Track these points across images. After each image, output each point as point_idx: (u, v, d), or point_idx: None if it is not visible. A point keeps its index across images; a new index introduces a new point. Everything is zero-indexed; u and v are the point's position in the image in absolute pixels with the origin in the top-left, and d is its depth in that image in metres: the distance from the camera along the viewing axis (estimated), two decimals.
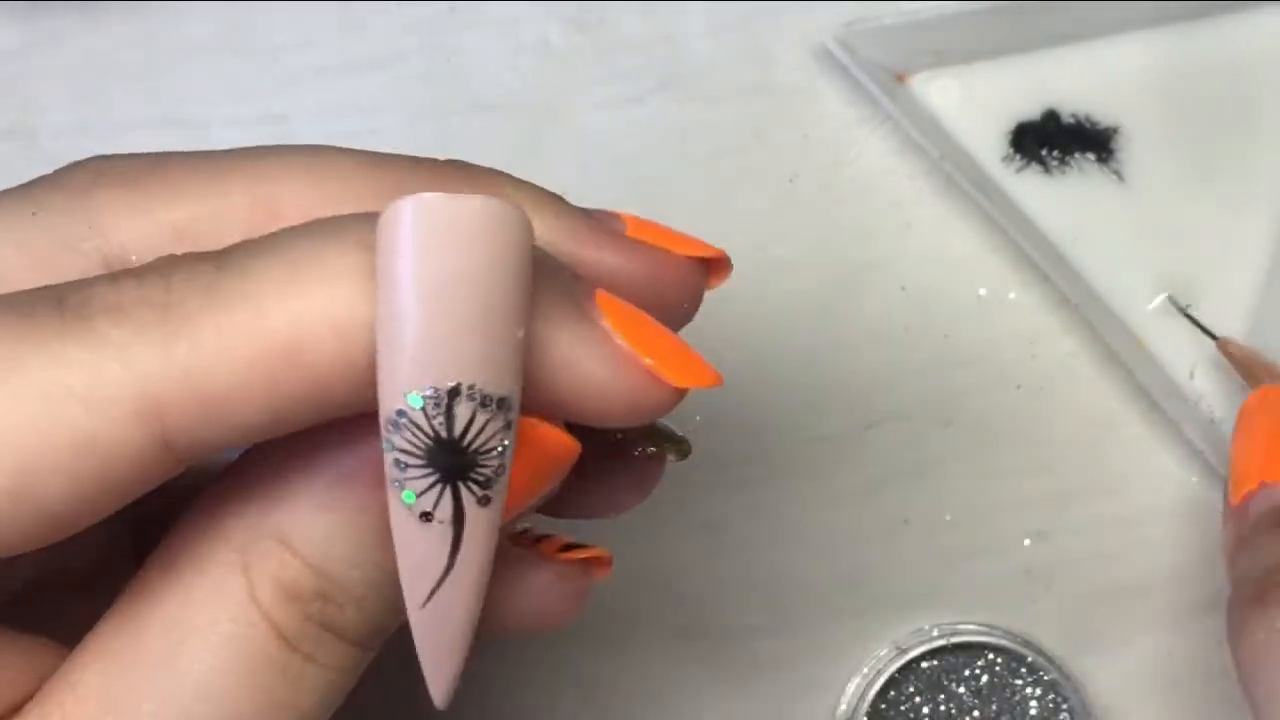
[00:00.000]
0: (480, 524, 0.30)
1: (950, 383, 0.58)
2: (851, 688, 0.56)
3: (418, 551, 0.30)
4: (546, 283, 0.31)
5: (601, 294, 0.32)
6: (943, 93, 0.61)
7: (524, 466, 0.31)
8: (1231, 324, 0.59)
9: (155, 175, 0.35)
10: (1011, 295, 0.59)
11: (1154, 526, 0.57)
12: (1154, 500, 0.58)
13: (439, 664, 0.32)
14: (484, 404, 0.29)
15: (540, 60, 0.60)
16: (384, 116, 0.59)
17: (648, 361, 0.32)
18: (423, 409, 0.28)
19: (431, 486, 0.29)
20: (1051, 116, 0.61)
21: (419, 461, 0.29)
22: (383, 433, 0.29)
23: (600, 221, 0.37)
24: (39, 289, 0.30)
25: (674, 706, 0.56)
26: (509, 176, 0.37)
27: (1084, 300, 0.57)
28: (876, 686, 0.54)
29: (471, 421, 0.29)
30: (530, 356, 0.30)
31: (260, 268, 0.29)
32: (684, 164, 0.59)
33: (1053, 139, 0.60)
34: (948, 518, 0.57)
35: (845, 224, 0.59)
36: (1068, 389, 0.58)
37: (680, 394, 0.33)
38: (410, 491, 0.29)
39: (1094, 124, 0.61)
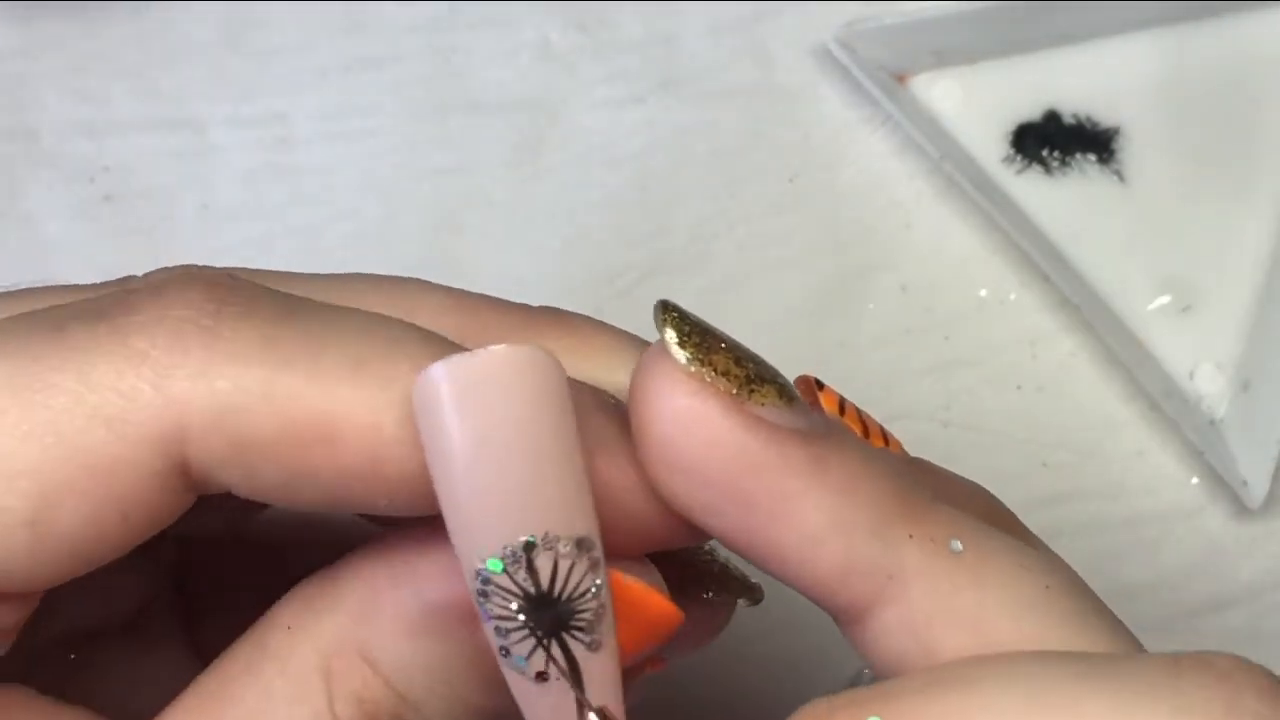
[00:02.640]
0: (598, 669, 0.29)
1: (950, 383, 0.58)
2: (852, 688, 0.55)
3: (544, 711, 0.29)
4: (597, 417, 0.30)
5: None
6: (943, 93, 0.61)
7: (630, 636, 0.31)
8: (1232, 324, 0.59)
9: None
10: (1012, 296, 0.59)
11: (1154, 527, 0.57)
12: (1154, 501, 0.57)
13: None
14: (564, 549, 0.28)
15: (540, 60, 0.60)
16: (384, 116, 0.59)
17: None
18: (504, 571, 0.28)
19: (537, 646, 0.28)
20: (1052, 117, 0.61)
21: (518, 624, 0.28)
22: (472, 595, 0.28)
23: None
24: (83, 300, 0.30)
25: (673, 707, 0.56)
26: (596, 322, 0.37)
27: (1084, 301, 0.57)
28: None
29: (556, 570, 0.28)
30: (601, 492, 0.29)
31: (327, 339, 0.29)
32: (684, 164, 0.59)
33: (1054, 139, 0.60)
34: None
35: (845, 224, 0.59)
36: (1068, 389, 0.58)
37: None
38: (519, 656, 0.29)
39: (1095, 125, 0.61)
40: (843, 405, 0.35)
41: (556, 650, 0.29)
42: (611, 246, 0.58)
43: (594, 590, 0.29)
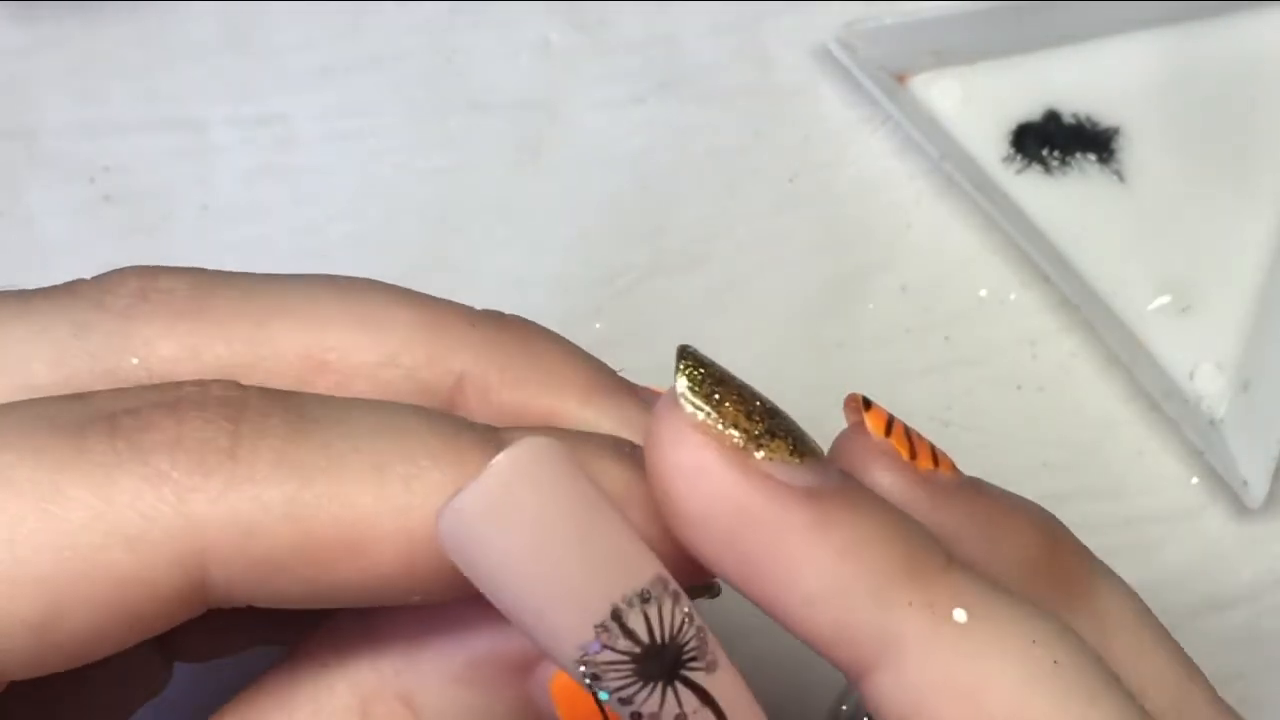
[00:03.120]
0: (726, 686, 0.29)
1: (950, 383, 0.58)
2: (852, 688, 0.55)
3: None
4: (614, 468, 0.30)
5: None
6: (943, 93, 0.61)
7: None
8: (1232, 324, 0.59)
9: (202, 311, 0.33)
10: (1012, 296, 0.59)
11: (1154, 527, 0.57)
12: (1154, 500, 0.57)
13: None
14: (645, 599, 0.28)
15: (540, 60, 0.60)
16: (384, 116, 0.59)
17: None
18: (601, 647, 0.28)
19: (664, 694, 0.28)
20: (1052, 117, 0.61)
21: (638, 686, 0.28)
22: (578, 682, 0.28)
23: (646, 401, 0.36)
24: (87, 401, 0.29)
25: None
26: (565, 349, 0.36)
27: (1084, 301, 0.57)
28: None
29: (649, 622, 0.28)
30: None
31: (344, 447, 0.28)
32: (684, 164, 0.59)
33: (1053, 139, 0.60)
34: None
35: (845, 224, 0.59)
36: (1068, 389, 0.58)
37: None
38: (654, 712, 0.28)
39: (1095, 124, 0.61)
40: (890, 425, 0.35)
41: (683, 689, 0.29)
42: (611, 246, 0.58)
43: (687, 619, 0.29)
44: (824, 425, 0.58)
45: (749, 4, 0.60)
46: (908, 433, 0.35)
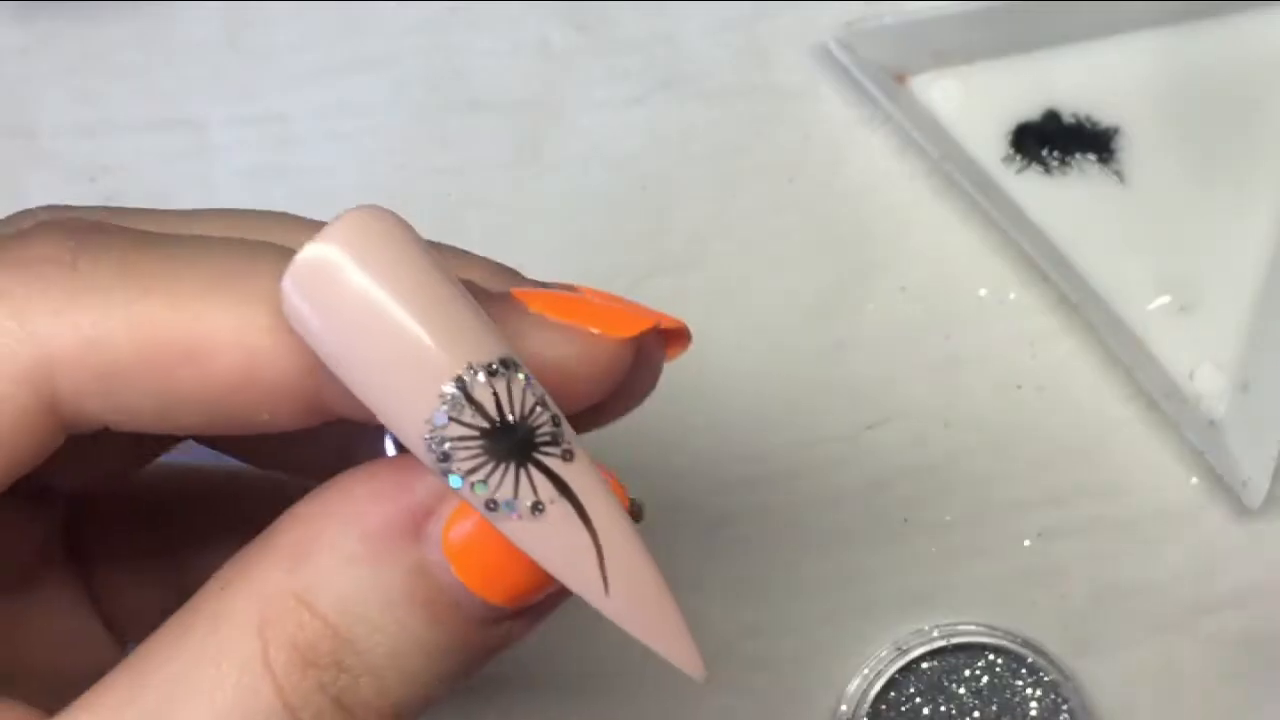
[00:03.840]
0: (583, 477, 0.29)
1: (950, 383, 0.58)
2: (852, 688, 0.56)
3: (558, 545, 0.29)
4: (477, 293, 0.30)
5: (515, 291, 0.32)
6: (943, 93, 0.61)
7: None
8: (1231, 325, 0.59)
9: None
10: (1012, 296, 0.59)
11: (1154, 527, 0.57)
12: (1154, 500, 0.57)
13: (667, 637, 0.30)
14: (492, 373, 0.28)
15: (540, 60, 0.60)
16: (384, 116, 0.59)
17: (593, 329, 0.31)
18: (448, 418, 0.28)
19: (518, 475, 0.28)
20: (1052, 117, 0.61)
21: (489, 462, 0.28)
22: (430, 466, 0.28)
23: (555, 288, 0.36)
24: None
25: (673, 706, 0.56)
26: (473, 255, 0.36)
27: (1084, 300, 0.57)
28: (877, 687, 0.54)
29: (498, 396, 0.28)
30: None
31: (185, 263, 0.29)
32: (684, 164, 0.59)
33: (1053, 139, 0.60)
34: (948, 518, 0.57)
35: (845, 224, 0.59)
36: (1068, 389, 0.58)
37: (632, 344, 0.32)
38: (509, 499, 0.28)
39: (1095, 124, 0.61)
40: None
41: (536, 473, 0.28)
42: (611, 246, 0.58)
43: (539, 403, 0.29)
44: (824, 425, 0.58)
45: (749, 4, 0.60)
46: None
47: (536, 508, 0.28)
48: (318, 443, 0.34)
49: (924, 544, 0.57)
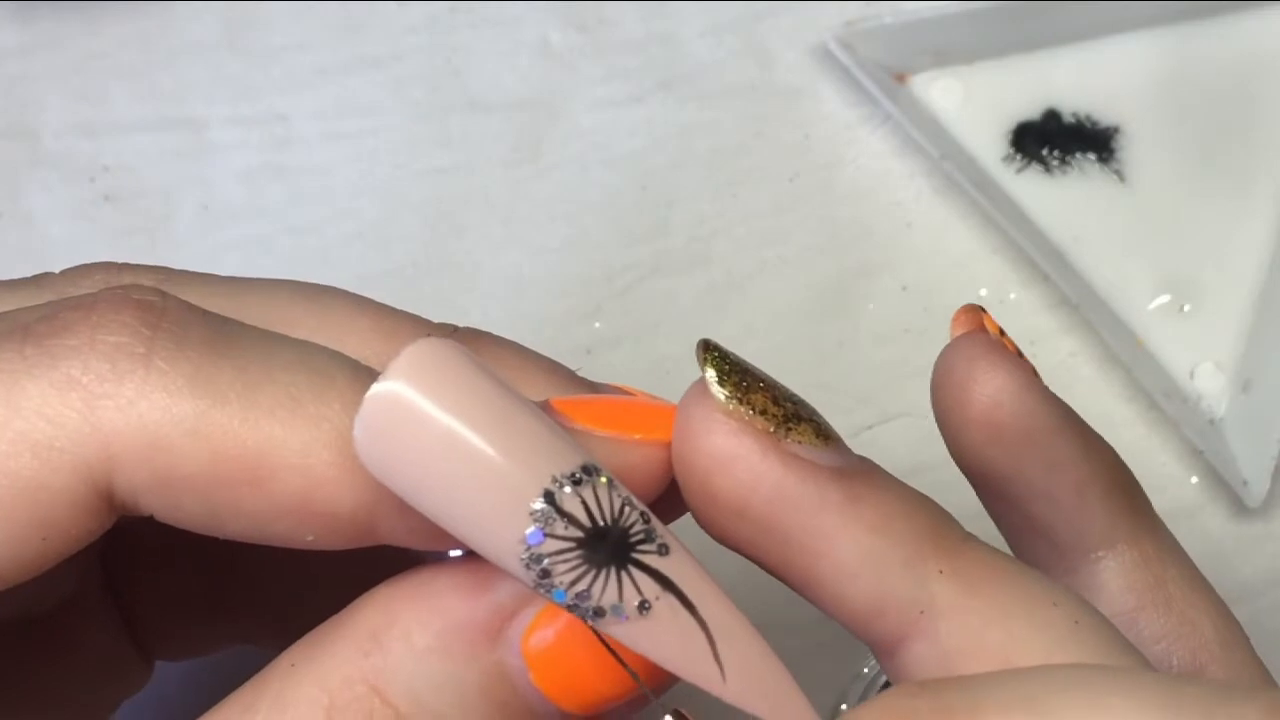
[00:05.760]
0: (683, 568, 0.29)
1: None
2: (852, 688, 0.56)
3: (670, 640, 0.29)
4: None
5: (554, 402, 0.31)
6: (943, 92, 0.61)
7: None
8: (1232, 324, 0.59)
9: None
10: (1012, 295, 0.59)
11: None
12: (1154, 500, 0.57)
13: (787, 711, 0.30)
14: (577, 481, 0.28)
15: (540, 60, 0.60)
16: (384, 116, 0.59)
17: (636, 436, 0.31)
18: (543, 535, 0.27)
19: (620, 578, 0.28)
20: (1052, 116, 0.61)
21: (590, 571, 0.28)
22: (531, 587, 0.28)
23: (608, 393, 0.36)
24: (8, 316, 0.29)
25: (673, 705, 0.56)
26: (516, 347, 0.36)
27: (1084, 300, 0.57)
28: (878, 686, 0.54)
29: (586, 502, 0.28)
30: None
31: (259, 373, 0.28)
32: (684, 164, 0.59)
33: (1053, 139, 0.60)
34: None
35: (845, 224, 0.59)
36: (1068, 389, 0.58)
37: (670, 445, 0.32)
38: (615, 603, 0.28)
39: (1095, 124, 0.61)
40: (1001, 332, 0.38)
41: (638, 572, 0.28)
42: (611, 246, 0.58)
43: (628, 502, 0.28)
44: None
45: (749, 4, 0.60)
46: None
47: (643, 607, 0.28)
48: None
49: None
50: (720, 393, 0.30)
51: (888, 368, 0.58)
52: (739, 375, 0.31)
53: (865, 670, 0.55)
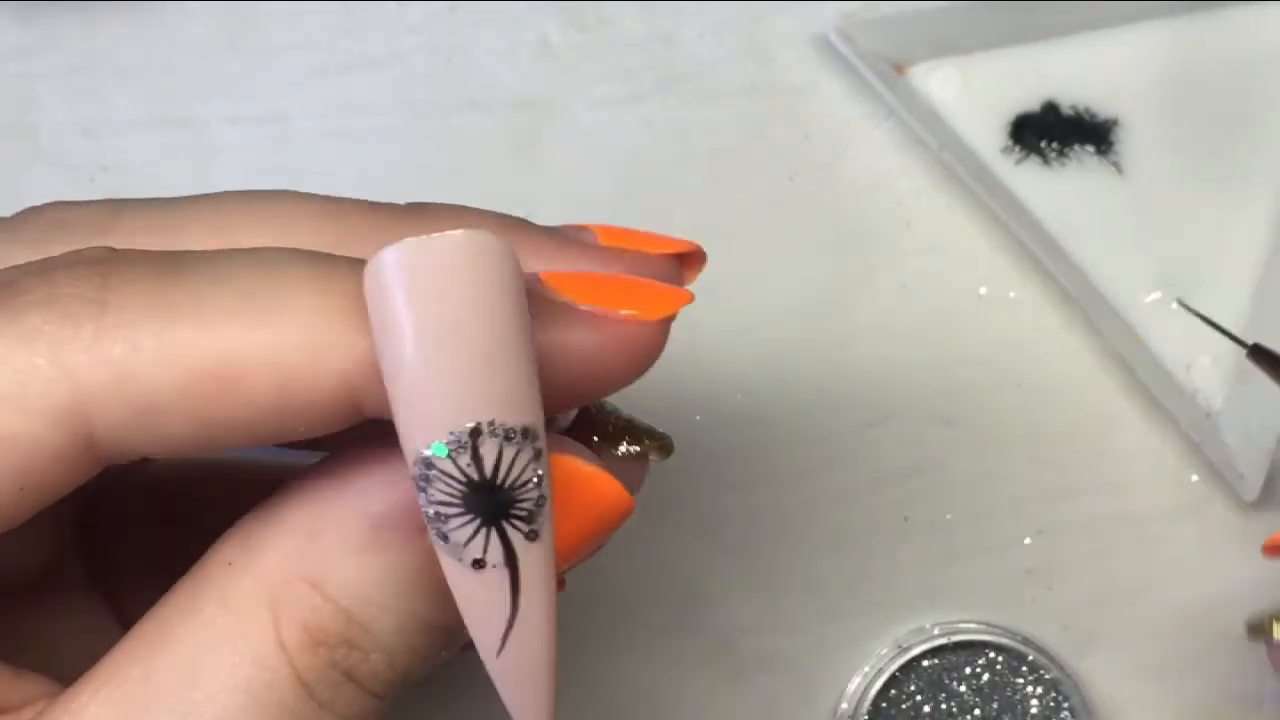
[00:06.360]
0: (535, 560, 0.29)
1: (951, 381, 0.58)
2: (852, 686, 0.56)
3: (479, 601, 0.30)
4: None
5: (544, 275, 0.32)
6: (942, 84, 0.61)
7: (577, 524, 0.31)
8: (1230, 316, 0.59)
9: (113, 228, 0.34)
10: (1012, 294, 0.59)
11: (1154, 525, 0.58)
12: (1154, 498, 0.58)
13: (527, 709, 0.31)
14: (508, 437, 0.28)
15: (540, 60, 0.60)
16: (384, 116, 0.59)
17: (624, 312, 0.32)
18: (449, 456, 0.28)
19: (477, 532, 0.29)
20: (1051, 108, 0.61)
21: (458, 509, 0.28)
22: (414, 482, 0.28)
23: (568, 236, 0.37)
24: None
25: (674, 705, 0.57)
26: (468, 209, 0.37)
27: (1082, 293, 0.57)
28: (877, 685, 0.55)
29: (500, 458, 0.28)
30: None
31: (212, 286, 0.29)
32: (684, 163, 0.59)
33: (1052, 131, 0.60)
34: (948, 517, 0.57)
35: (846, 222, 0.59)
36: (1068, 387, 0.58)
37: (665, 325, 0.32)
38: (459, 545, 0.29)
39: (1093, 116, 0.61)
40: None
41: (495, 538, 0.29)
42: None
43: (535, 481, 0.29)
44: (825, 423, 0.58)
45: (748, 3, 0.60)
46: None
47: (478, 564, 0.29)
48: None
49: (924, 542, 0.57)
50: None
51: (887, 366, 0.58)
52: None
53: (866, 669, 0.56)
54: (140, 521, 0.40)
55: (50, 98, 0.59)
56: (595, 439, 0.38)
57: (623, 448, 0.37)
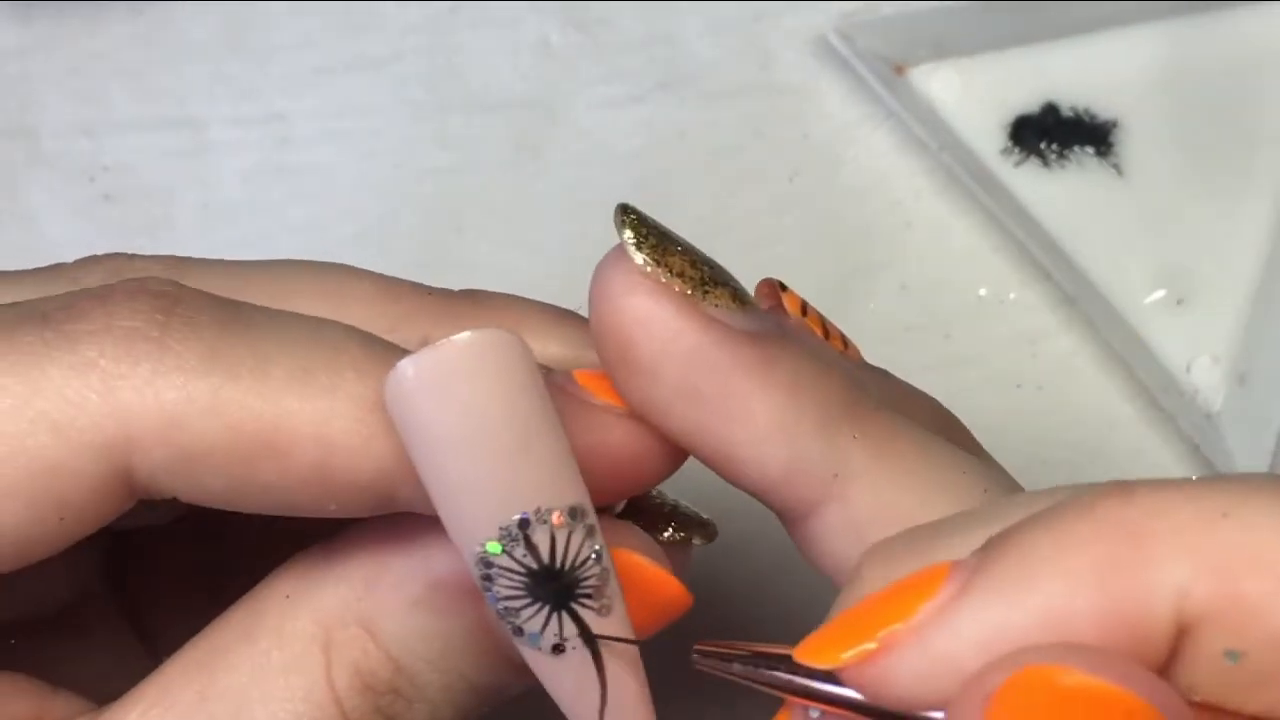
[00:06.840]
0: (613, 630, 0.30)
1: (950, 382, 0.58)
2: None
3: (568, 684, 0.30)
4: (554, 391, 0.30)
5: (580, 375, 0.32)
6: (942, 85, 0.61)
7: (638, 617, 0.31)
8: (1228, 318, 0.59)
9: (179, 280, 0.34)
10: (1011, 295, 0.59)
11: None
12: None
13: None
14: (558, 521, 0.28)
15: (540, 60, 0.60)
16: (384, 116, 0.59)
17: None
18: (504, 551, 0.28)
19: (549, 619, 0.29)
20: (1051, 109, 0.61)
21: (526, 600, 0.29)
22: (476, 581, 0.29)
23: None
24: (28, 304, 0.30)
25: (674, 706, 0.56)
26: (520, 300, 0.37)
27: (1082, 294, 0.57)
28: None
29: (554, 542, 0.29)
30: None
31: (271, 352, 0.29)
32: (684, 164, 0.59)
33: (1052, 132, 0.60)
34: None
35: (845, 224, 0.59)
36: (1067, 388, 0.58)
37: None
38: (535, 633, 0.29)
39: (1093, 117, 0.61)
40: (805, 308, 0.36)
41: (569, 621, 0.29)
42: (611, 246, 0.58)
43: (594, 556, 0.29)
44: None
45: (748, 4, 0.60)
46: (822, 319, 0.37)
47: (558, 649, 0.29)
48: None
49: None
50: (638, 256, 0.31)
51: (887, 367, 0.58)
52: (657, 238, 0.32)
53: None
54: (163, 549, 0.41)
55: (50, 98, 0.59)
56: (639, 523, 0.38)
57: (668, 533, 0.38)
